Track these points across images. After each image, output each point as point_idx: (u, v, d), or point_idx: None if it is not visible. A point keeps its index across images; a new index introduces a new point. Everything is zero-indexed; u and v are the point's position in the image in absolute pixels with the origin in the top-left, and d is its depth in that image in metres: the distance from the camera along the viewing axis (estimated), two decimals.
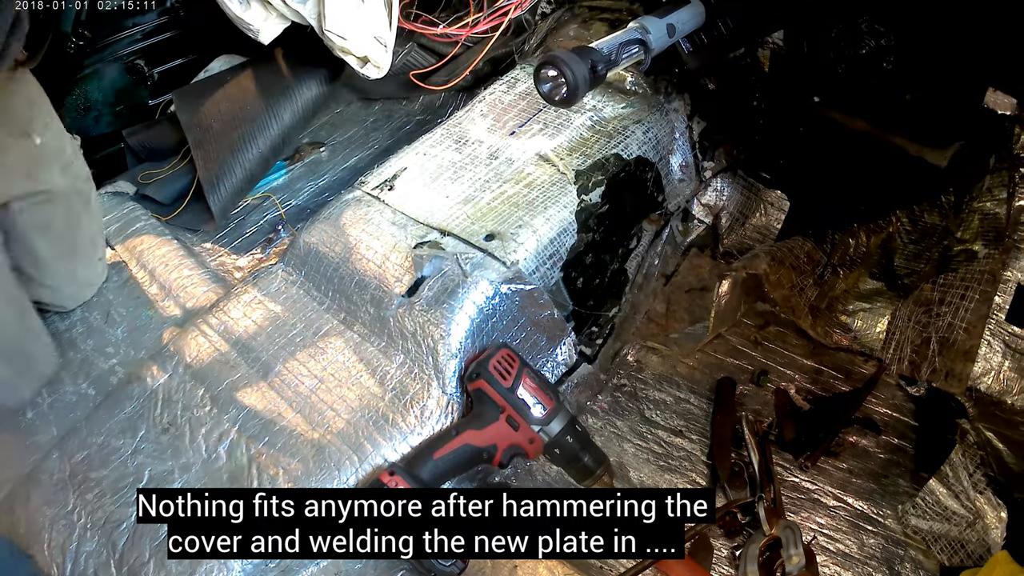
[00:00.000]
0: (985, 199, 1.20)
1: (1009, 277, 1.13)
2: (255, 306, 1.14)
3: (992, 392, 1.11)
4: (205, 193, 1.43)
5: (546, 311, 1.11)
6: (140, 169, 1.56)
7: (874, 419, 1.19)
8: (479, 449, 0.93)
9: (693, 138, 1.39)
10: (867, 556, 1.03)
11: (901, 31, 1.09)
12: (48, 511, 0.98)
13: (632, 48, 1.06)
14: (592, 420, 1.21)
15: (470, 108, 1.38)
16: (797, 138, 1.33)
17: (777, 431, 1.17)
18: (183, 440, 1.01)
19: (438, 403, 0.99)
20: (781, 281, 1.34)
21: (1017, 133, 1.15)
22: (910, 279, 1.30)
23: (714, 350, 1.31)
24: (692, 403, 1.23)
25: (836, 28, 1.14)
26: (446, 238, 1.11)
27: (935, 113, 1.15)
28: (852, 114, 1.25)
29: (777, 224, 1.44)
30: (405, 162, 1.27)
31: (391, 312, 1.05)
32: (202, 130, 1.48)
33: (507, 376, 0.95)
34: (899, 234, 1.33)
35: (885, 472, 1.12)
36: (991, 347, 1.12)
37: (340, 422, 0.98)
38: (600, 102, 1.33)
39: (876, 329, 1.29)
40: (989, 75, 1.09)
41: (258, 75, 1.58)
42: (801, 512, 1.08)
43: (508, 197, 1.17)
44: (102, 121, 1.64)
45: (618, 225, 1.24)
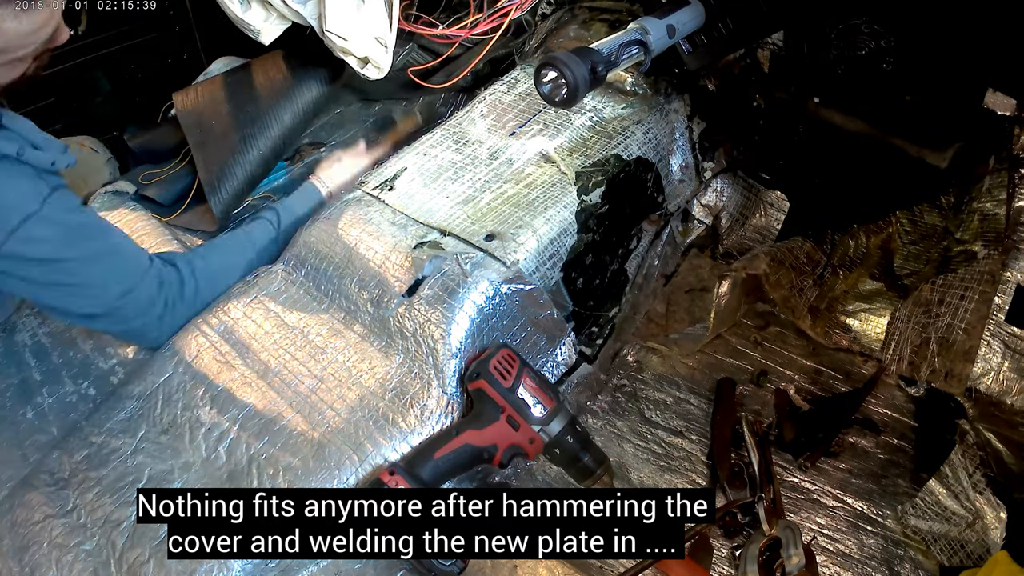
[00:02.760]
0: (985, 199, 1.20)
1: (1009, 277, 1.13)
2: (255, 306, 1.14)
3: (992, 392, 1.11)
4: (206, 195, 1.43)
5: (546, 311, 1.11)
6: (141, 169, 1.56)
7: (874, 419, 1.19)
8: (479, 449, 0.93)
9: (693, 139, 1.39)
10: (867, 556, 1.03)
11: (901, 32, 1.09)
12: (48, 511, 0.98)
13: (632, 49, 1.06)
14: (592, 420, 1.22)
15: (470, 108, 1.38)
16: (797, 139, 1.33)
17: (777, 431, 1.17)
18: (183, 440, 1.01)
19: (438, 403, 0.99)
20: (781, 281, 1.34)
21: (1017, 134, 1.15)
22: (910, 279, 1.30)
23: (714, 350, 1.31)
24: (692, 403, 1.23)
25: (836, 29, 1.15)
26: (446, 238, 1.11)
27: (935, 114, 1.16)
28: (852, 115, 1.25)
29: (777, 224, 1.44)
30: (405, 162, 1.27)
31: (391, 312, 1.05)
32: (203, 132, 1.48)
33: (507, 376, 0.95)
34: (899, 234, 1.34)
35: (885, 472, 1.12)
36: (991, 347, 1.12)
37: (340, 422, 0.98)
38: (600, 103, 1.33)
39: (876, 329, 1.30)
40: (989, 76, 1.09)
41: (259, 76, 1.58)
42: (801, 512, 1.08)
43: (508, 197, 1.17)
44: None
45: (618, 225, 1.24)
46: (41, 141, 1.00)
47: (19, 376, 1.22)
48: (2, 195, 0.95)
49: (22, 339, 1.28)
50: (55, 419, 1.14)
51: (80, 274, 1.03)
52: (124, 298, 1.06)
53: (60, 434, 1.11)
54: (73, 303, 1.05)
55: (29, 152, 0.96)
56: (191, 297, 1.14)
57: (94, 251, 1.05)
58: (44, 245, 0.98)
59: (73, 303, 1.05)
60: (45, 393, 1.18)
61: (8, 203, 0.95)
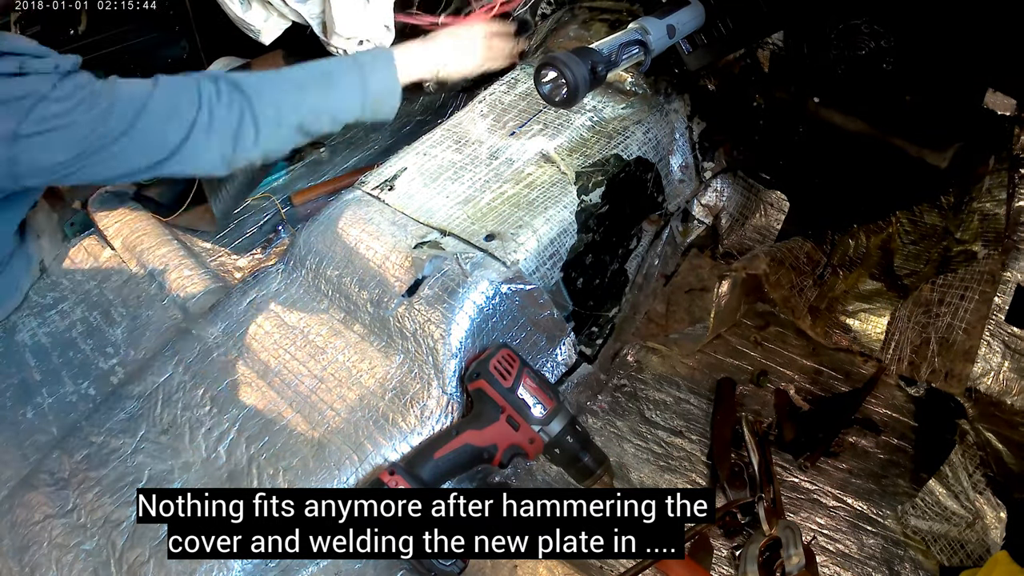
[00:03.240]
0: (985, 199, 1.20)
1: (1009, 277, 1.13)
2: (255, 306, 1.14)
3: (992, 392, 1.11)
4: (207, 195, 1.43)
5: (546, 311, 1.11)
6: None
7: (874, 419, 1.19)
8: (479, 449, 0.93)
9: (693, 139, 1.39)
10: (867, 556, 1.03)
11: (901, 32, 1.09)
12: (48, 511, 0.98)
13: (632, 49, 1.06)
14: (592, 420, 1.22)
15: (470, 108, 1.38)
16: (797, 139, 1.33)
17: (777, 431, 1.17)
18: (183, 440, 1.01)
19: (438, 403, 0.99)
20: (781, 281, 1.34)
21: (1017, 134, 1.15)
22: (910, 279, 1.30)
23: (714, 350, 1.31)
24: (692, 403, 1.23)
25: (836, 29, 1.15)
26: (446, 238, 1.11)
27: (935, 114, 1.16)
28: (852, 115, 1.25)
29: (777, 224, 1.44)
30: (405, 162, 1.27)
31: (391, 312, 1.05)
32: None
33: (507, 376, 0.95)
34: (899, 234, 1.34)
35: (885, 472, 1.12)
36: (991, 347, 1.12)
37: (340, 422, 0.98)
38: (600, 103, 1.33)
39: (876, 329, 1.30)
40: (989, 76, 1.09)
41: None
42: (801, 512, 1.08)
43: (508, 197, 1.17)
44: None
45: (618, 225, 1.24)
46: (40, 50, 0.98)
47: (19, 376, 1.22)
48: (13, 91, 0.93)
49: (22, 339, 1.28)
50: (55, 419, 1.14)
51: (120, 122, 0.98)
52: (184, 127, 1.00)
53: (60, 434, 1.11)
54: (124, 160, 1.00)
55: (30, 62, 0.95)
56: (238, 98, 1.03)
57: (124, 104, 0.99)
58: (63, 116, 0.95)
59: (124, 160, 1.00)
60: (45, 393, 1.18)
61: (20, 94, 0.93)
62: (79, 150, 0.97)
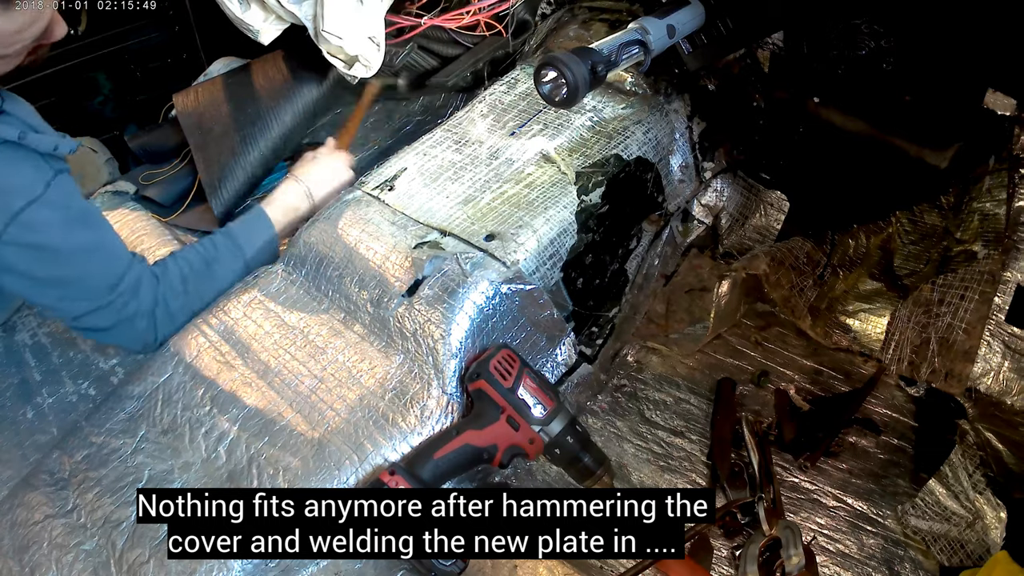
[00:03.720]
0: (985, 199, 1.20)
1: (1009, 278, 1.13)
2: (255, 306, 1.14)
3: (992, 392, 1.11)
4: (207, 196, 1.43)
5: (546, 311, 1.11)
6: (141, 170, 1.56)
7: (874, 419, 1.19)
8: (479, 449, 0.93)
9: (693, 139, 1.39)
10: (867, 556, 1.03)
11: (901, 32, 1.09)
12: (48, 511, 0.98)
13: (632, 49, 1.06)
14: (592, 420, 1.22)
15: (470, 108, 1.38)
16: (797, 139, 1.34)
17: (777, 431, 1.17)
18: (183, 440, 1.01)
19: (438, 403, 0.99)
20: (781, 281, 1.34)
21: (1017, 134, 1.15)
22: (910, 279, 1.30)
23: (714, 350, 1.31)
24: (692, 403, 1.23)
25: (836, 29, 1.15)
26: (446, 238, 1.11)
27: (935, 114, 1.16)
28: (852, 115, 1.25)
29: (777, 224, 1.44)
30: (405, 162, 1.27)
31: (391, 312, 1.05)
32: (203, 133, 1.48)
33: (508, 376, 0.95)
34: (899, 234, 1.34)
35: (885, 472, 1.12)
36: (991, 348, 1.12)
37: (340, 422, 0.98)
38: (600, 103, 1.33)
39: (876, 329, 1.30)
40: (989, 76, 1.09)
41: (258, 77, 1.58)
42: (801, 512, 1.08)
43: (508, 197, 1.17)
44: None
45: (618, 226, 1.24)
46: (42, 126, 0.98)
47: (19, 376, 1.22)
48: (6, 179, 0.93)
49: (22, 339, 1.28)
50: (55, 419, 1.14)
51: (75, 265, 1.01)
52: (112, 292, 1.05)
53: (60, 434, 1.11)
54: (67, 299, 1.04)
55: (31, 136, 0.95)
56: (177, 296, 1.13)
57: (91, 241, 1.03)
58: (45, 230, 0.96)
59: (67, 299, 1.04)
60: (45, 393, 1.18)
61: (12, 187, 0.93)
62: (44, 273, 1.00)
